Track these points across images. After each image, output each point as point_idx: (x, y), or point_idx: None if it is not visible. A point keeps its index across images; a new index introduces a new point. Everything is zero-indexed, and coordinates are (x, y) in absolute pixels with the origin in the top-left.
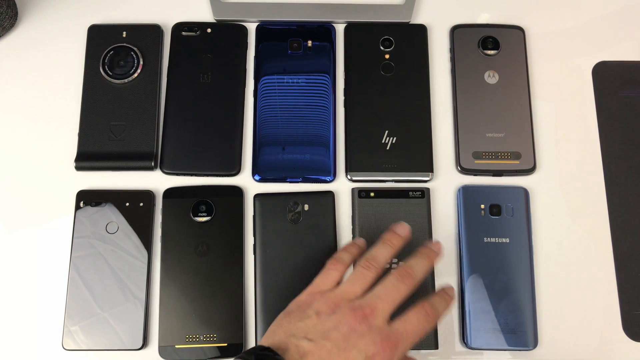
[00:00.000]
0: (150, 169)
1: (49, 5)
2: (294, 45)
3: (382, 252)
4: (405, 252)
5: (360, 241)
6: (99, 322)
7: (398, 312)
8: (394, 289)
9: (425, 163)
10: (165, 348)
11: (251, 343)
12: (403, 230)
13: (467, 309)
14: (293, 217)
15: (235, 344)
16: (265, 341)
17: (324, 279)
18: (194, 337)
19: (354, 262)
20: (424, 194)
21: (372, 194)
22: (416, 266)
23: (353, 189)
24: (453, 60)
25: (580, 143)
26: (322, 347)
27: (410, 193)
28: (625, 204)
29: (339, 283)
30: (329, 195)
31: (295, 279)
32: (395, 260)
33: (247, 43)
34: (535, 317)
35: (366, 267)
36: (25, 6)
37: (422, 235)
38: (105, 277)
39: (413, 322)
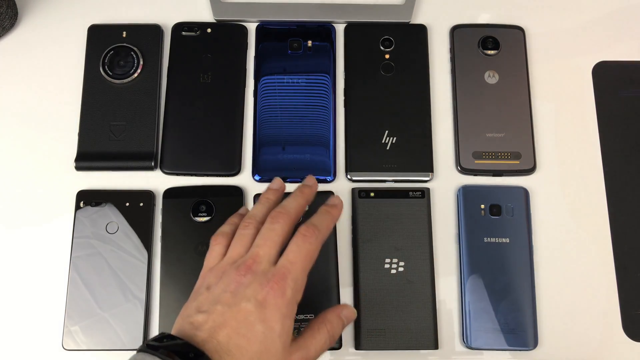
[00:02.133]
0: (150, 169)
1: (49, 6)
2: (294, 45)
3: (258, 209)
4: (404, 251)
5: (243, 209)
6: (99, 322)
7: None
8: (270, 232)
9: (425, 163)
10: None
11: None
12: (276, 183)
13: (467, 309)
14: None
15: None
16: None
17: (209, 257)
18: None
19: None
20: (424, 194)
21: (372, 194)
22: (288, 203)
23: (353, 189)
24: (453, 60)
25: (580, 143)
26: (214, 312)
27: (410, 193)
28: (625, 204)
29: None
30: (329, 195)
31: None
32: (395, 260)
33: (247, 43)
34: (535, 317)
35: (244, 227)
36: (25, 6)
37: (422, 234)
38: (105, 277)
39: (294, 249)
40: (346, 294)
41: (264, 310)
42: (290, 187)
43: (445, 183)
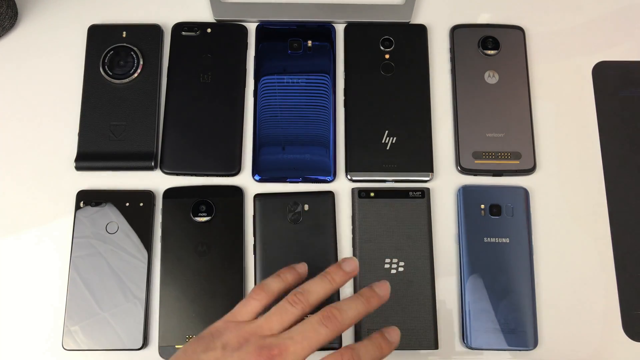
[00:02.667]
0: (150, 169)
1: (49, 6)
2: (294, 45)
3: (317, 286)
4: (404, 251)
5: (301, 267)
6: (99, 322)
7: None
8: (313, 332)
9: (425, 163)
10: (165, 348)
11: None
12: (350, 265)
13: (467, 309)
14: (293, 217)
15: None
16: None
17: (243, 308)
18: (194, 337)
19: (287, 292)
20: (424, 194)
21: (372, 194)
22: (347, 308)
23: (353, 189)
24: (453, 60)
25: (580, 143)
26: None
27: (410, 193)
28: (625, 204)
29: (261, 314)
30: (329, 195)
31: None
32: (395, 260)
33: (247, 43)
34: (535, 317)
35: (292, 302)
36: (25, 6)
37: (422, 234)
38: (105, 277)
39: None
40: (346, 294)
41: None
42: (290, 187)
43: (445, 183)
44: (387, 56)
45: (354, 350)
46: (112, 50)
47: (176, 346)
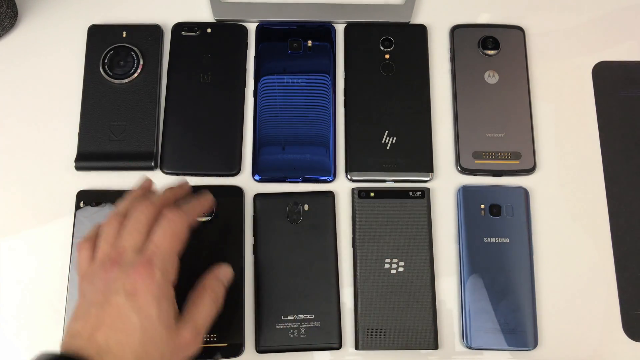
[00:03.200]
0: (150, 169)
1: (49, 6)
2: (294, 45)
3: (122, 205)
4: (404, 251)
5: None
6: None
7: None
8: (134, 222)
9: (425, 163)
10: None
11: (251, 343)
12: (146, 183)
13: (467, 309)
14: (293, 217)
15: (235, 344)
16: None
17: (78, 265)
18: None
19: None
20: (424, 194)
21: (372, 194)
22: (151, 196)
23: (353, 189)
24: (453, 60)
25: (580, 143)
26: (89, 316)
27: (410, 193)
28: (625, 204)
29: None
30: (329, 195)
31: (295, 279)
32: (395, 260)
33: (247, 43)
34: (535, 317)
35: (106, 224)
36: (25, 6)
37: (422, 234)
38: None
39: (158, 233)
40: (346, 294)
41: (136, 299)
42: (290, 187)
43: (445, 183)
44: (387, 56)
45: (176, 209)
46: (112, 50)
47: None
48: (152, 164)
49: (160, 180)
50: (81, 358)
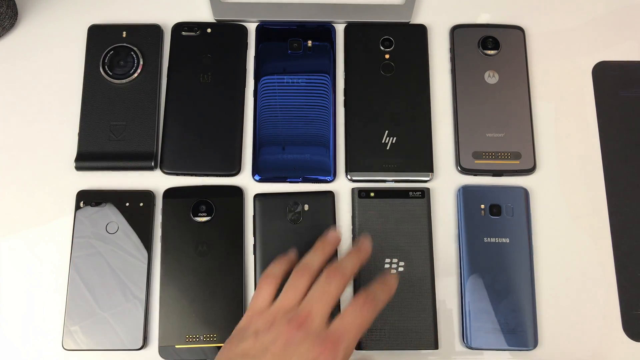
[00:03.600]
0: (150, 169)
1: (49, 5)
2: (294, 45)
3: (314, 258)
4: (404, 251)
5: (291, 254)
6: (99, 322)
7: None
8: (325, 290)
9: (425, 163)
10: (165, 348)
11: None
12: (332, 237)
13: (467, 309)
14: (293, 217)
15: None
16: None
17: (258, 298)
18: (194, 337)
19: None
20: (424, 194)
21: (372, 194)
22: (345, 263)
23: (353, 189)
24: (453, 60)
25: (580, 143)
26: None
27: (411, 193)
28: (625, 204)
29: (276, 298)
30: (329, 195)
31: None
32: (395, 260)
33: (247, 43)
34: (535, 317)
35: (298, 275)
36: (25, 6)
37: (422, 234)
38: (105, 277)
39: (350, 317)
40: (346, 294)
41: None
42: (290, 187)
43: (445, 183)
44: (387, 56)
45: (368, 293)
46: (112, 50)
47: (176, 346)
48: (152, 164)
49: (161, 180)
50: None
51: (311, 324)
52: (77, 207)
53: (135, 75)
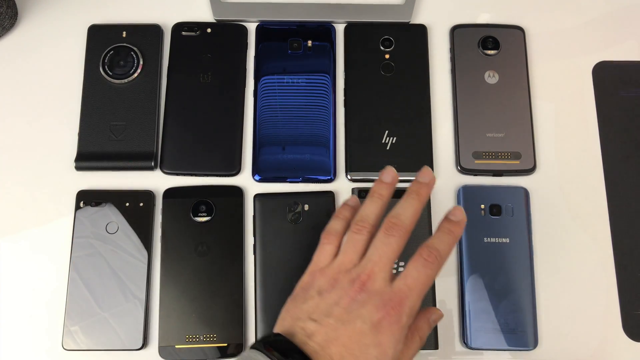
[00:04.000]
0: (150, 169)
1: (49, 5)
2: (294, 45)
3: (371, 208)
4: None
5: (352, 200)
6: (99, 322)
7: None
8: (385, 246)
9: (425, 163)
10: (165, 348)
11: (251, 343)
12: (389, 176)
13: (467, 309)
14: (293, 217)
15: (235, 344)
16: (276, 329)
17: (320, 256)
18: (194, 337)
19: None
20: None
21: None
22: (402, 210)
23: (353, 189)
24: (453, 60)
25: (580, 143)
26: (327, 324)
27: None
28: (625, 204)
29: (337, 254)
30: (329, 195)
31: (295, 279)
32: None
33: (247, 43)
34: (535, 317)
35: (357, 231)
36: (25, 6)
37: (422, 236)
38: (105, 277)
39: (413, 274)
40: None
41: (379, 335)
42: (290, 187)
43: (445, 183)
44: (387, 56)
45: (430, 247)
46: (112, 50)
47: (176, 346)
48: (152, 164)
49: (161, 180)
50: None
51: (373, 284)
52: (77, 207)
53: (135, 75)
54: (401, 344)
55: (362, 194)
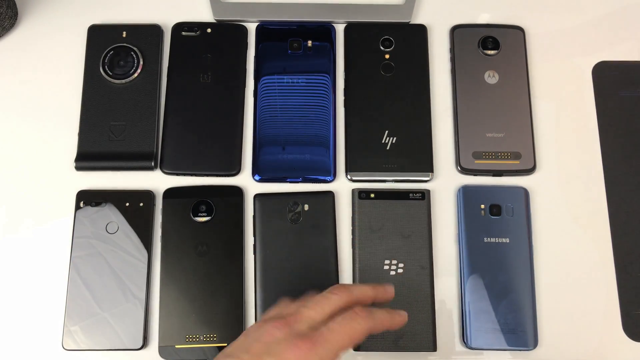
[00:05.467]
0: (150, 169)
1: (49, 5)
2: (294, 45)
3: (360, 287)
4: (404, 253)
5: (389, 290)
6: (99, 322)
7: None
8: (324, 299)
9: (425, 163)
10: (165, 348)
11: None
12: (388, 291)
13: (467, 309)
14: (293, 217)
15: None
16: None
17: (269, 310)
18: (194, 337)
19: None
20: (424, 195)
21: (372, 195)
22: (354, 286)
23: (353, 190)
24: (453, 60)
25: (580, 143)
26: (239, 356)
27: (411, 195)
28: (625, 204)
29: None
30: (329, 195)
31: (295, 279)
32: (394, 261)
33: (247, 43)
34: (535, 317)
35: (326, 293)
36: (25, 6)
37: (422, 236)
38: (105, 277)
39: (338, 321)
40: None
41: None
42: (290, 187)
43: (445, 183)
44: (387, 56)
45: (368, 309)
46: (112, 50)
47: (176, 346)
48: (152, 164)
49: (161, 180)
50: None
51: (296, 325)
52: (77, 207)
53: (135, 75)
54: None
55: (362, 195)
